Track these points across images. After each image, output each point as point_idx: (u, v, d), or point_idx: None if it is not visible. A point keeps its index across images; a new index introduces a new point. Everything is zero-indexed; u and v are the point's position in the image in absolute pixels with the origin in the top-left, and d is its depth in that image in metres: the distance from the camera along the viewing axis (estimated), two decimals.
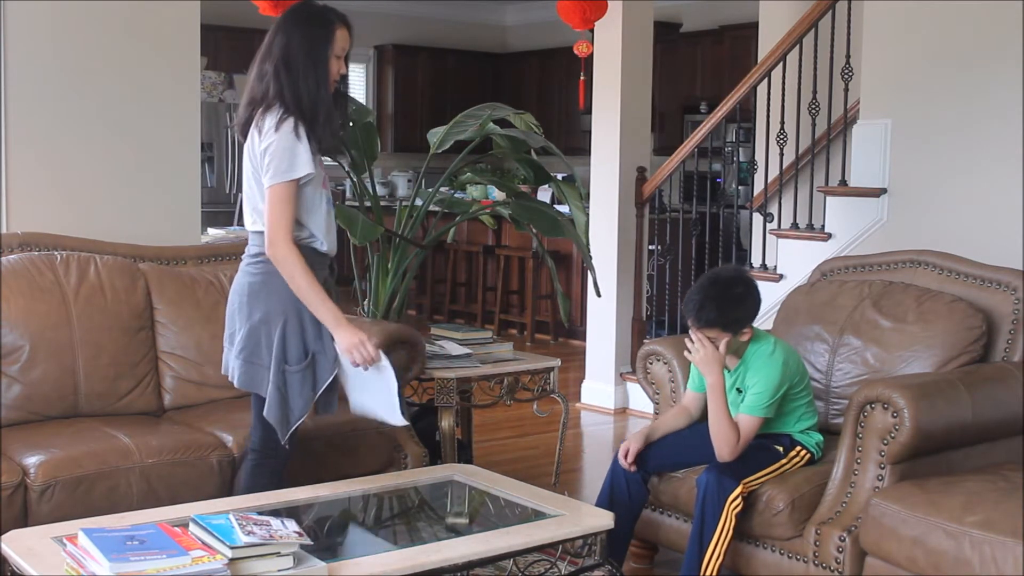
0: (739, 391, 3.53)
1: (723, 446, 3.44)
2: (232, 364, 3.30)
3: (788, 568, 3.37)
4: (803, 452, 3.55)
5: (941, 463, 3.34)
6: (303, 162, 3.17)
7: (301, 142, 3.16)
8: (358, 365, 3.23)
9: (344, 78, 3.34)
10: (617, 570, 3.29)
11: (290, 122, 3.17)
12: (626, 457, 3.57)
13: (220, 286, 4.17)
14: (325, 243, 3.30)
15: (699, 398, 3.65)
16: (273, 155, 3.16)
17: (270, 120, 3.19)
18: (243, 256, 3.34)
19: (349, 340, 3.20)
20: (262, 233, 3.22)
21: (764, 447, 3.53)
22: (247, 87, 3.30)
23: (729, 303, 3.46)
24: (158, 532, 2.57)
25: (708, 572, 3.35)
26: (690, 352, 3.51)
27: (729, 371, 3.56)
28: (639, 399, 6.42)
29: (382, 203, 5.25)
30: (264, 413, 3.22)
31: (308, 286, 3.18)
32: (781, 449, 3.53)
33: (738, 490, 3.35)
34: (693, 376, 3.68)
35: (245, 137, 3.29)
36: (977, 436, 3.41)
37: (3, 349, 3.73)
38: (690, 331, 3.52)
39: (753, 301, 3.52)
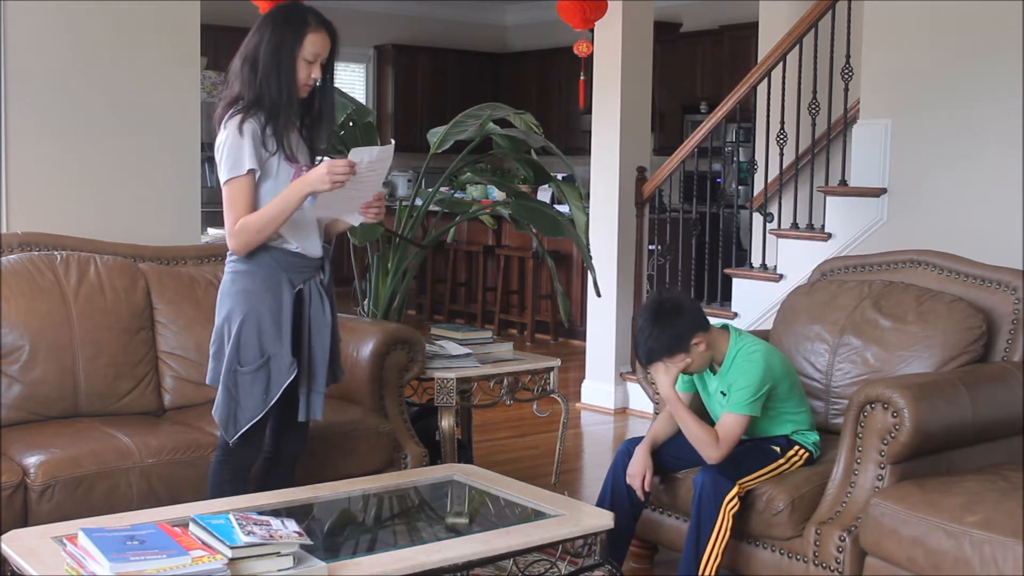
0: (723, 394, 3.53)
1: (705, 448, 3.45)
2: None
3: (788, 568, 3.37)
4: (801, 451, 3.55)
5: (941, 463, 3.34)
6: (247, 157, 3.15)
7: (244, 139, 3.15)
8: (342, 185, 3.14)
9: (325, 77, 3.26)
10: (617, 570, 3.29)
11: (236, 120, 3.17)
12: (639, 485, 3.56)
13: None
14: (294, 243, 3.25)
15: (686, 398, 3.63)
16: (221, 153, 3.18)
17: (224, 118, 3.21)
18: None
19: (325, 176, 3.09)
20: None
21: (760, 448, 3.53)
22: (225, 85, 3.29)
23: (665, 323, 3.43)
24: (158, 532, 2.57)
25: (706, 573, 3.35)
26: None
27: (713, 375, 3.57)
28: (639, 399, 6.42)
29: None
30: (212, 412, 3.24)
31: (268, 216, 3.15)
32: (778, 449, 3.53)
33: (734, 491, 3.35)
34: (681, 377, 3.68)
35: None
36: (977, 436, 3.41)
37: (3, 349, 3.73)
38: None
39: (688, 313, 3.46)
